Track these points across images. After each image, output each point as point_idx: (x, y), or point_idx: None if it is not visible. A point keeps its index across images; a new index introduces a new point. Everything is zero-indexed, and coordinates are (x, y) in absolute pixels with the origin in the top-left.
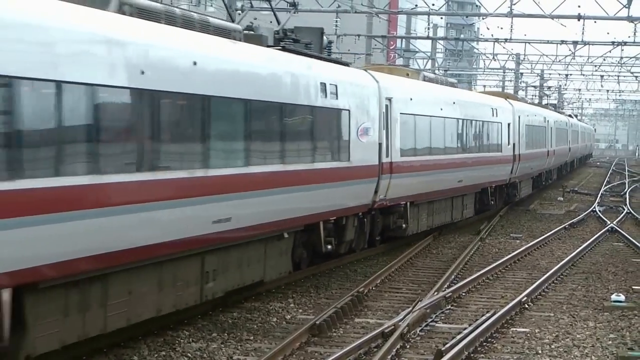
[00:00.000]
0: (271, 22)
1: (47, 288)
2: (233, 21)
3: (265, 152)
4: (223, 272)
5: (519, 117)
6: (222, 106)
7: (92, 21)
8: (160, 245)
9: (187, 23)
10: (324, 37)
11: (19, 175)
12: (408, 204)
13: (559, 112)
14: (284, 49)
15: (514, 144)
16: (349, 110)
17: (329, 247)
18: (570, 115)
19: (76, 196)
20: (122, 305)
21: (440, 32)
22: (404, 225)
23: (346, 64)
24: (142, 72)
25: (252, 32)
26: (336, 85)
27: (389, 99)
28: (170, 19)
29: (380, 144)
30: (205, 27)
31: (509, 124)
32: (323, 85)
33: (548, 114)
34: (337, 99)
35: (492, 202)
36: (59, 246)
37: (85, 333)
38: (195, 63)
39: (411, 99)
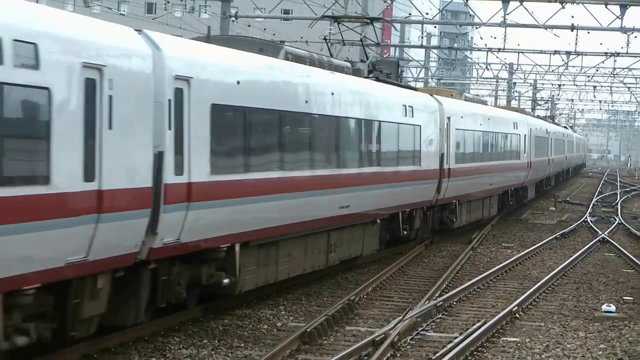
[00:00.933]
0: (265, 29)
1: (250, 247)
2: (331, 55)
3: (370, 158)
4: (339, 246)
5: (531, 129)
6: (346, 124)
7: (275, 67)
8: (312, 222)
9: (321, 64)
10: (399, 69)
11: (255, 170)
12: (457, 202)
13: (556, 124)
14: (377, 80)
15: (528, 153)
16: (420, 126)
17: (405, 232)
18: (565, 127)
19: (274, 185)
20: (285, 263)
21: (434, 41)
22: (454, 220)
23: (415, 89)
24: (306, 102)
25: (354, 67)
26: (412, 107)
27: (449, 117)
28: (312, 62)
29: (442, 154)
30: (330, 66)
31: (525, 136)
32: (404, 106)
33: (548, 126)
34: (413, 117)
35: (511, 202)
36: (264, 218)
37: (265, 280)
38: (332, 94)
39: (462, 117)
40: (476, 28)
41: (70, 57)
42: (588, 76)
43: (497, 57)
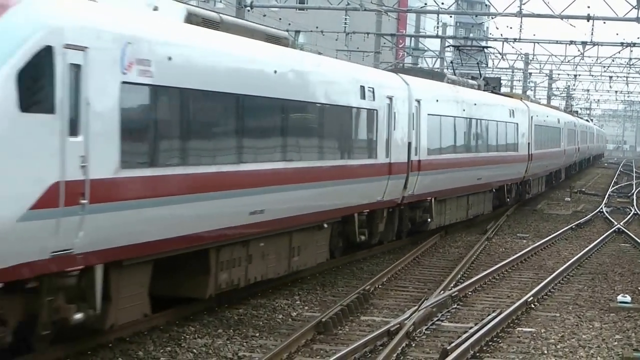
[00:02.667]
0: (280, 19)
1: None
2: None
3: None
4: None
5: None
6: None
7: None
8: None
9: (462, 83)
10: (501, 82)
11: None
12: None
13: (577, 116)
14: (492, 92)
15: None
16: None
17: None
18: (580, 117)
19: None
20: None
21: (450, 31)
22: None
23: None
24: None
25: (474, 82)
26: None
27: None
28: (453, 82)
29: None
30: (468, 84)
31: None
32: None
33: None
34: (514, 117)
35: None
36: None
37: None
38: (475, 104)
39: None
40: (492, 18)
41: (384, 92)
42: (604, 66)
43: (512, 47)
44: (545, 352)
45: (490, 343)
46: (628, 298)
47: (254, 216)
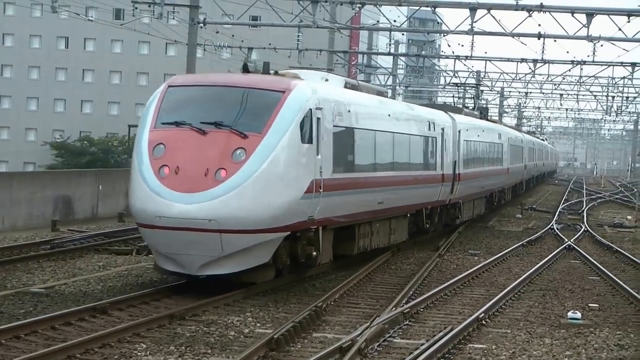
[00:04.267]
0: (233, 35)
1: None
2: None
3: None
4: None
5: (460, 132)
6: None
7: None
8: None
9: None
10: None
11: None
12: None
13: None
14: (487, 120)
15: (454, 162)
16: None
17: (427, 225)
18: (541, 139)
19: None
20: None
21: (402, 49)
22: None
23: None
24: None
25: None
26: (434, 121)
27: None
28: (467, 114)
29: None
30: (471, 112)
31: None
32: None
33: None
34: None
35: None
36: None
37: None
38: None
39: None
40: (444, 36)
41: (439, 124)
42: (555, 84)
43: (464, 65)
44: None
45: (441, 359)
46: (578, 314)
47: (379, 205)
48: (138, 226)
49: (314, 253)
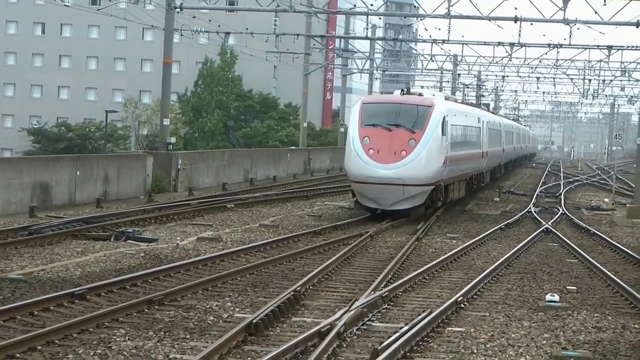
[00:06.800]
0: (210, 20)
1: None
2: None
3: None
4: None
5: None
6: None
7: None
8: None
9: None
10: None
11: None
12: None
13: (512, 119)
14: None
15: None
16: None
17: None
18: (524, 124)
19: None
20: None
21: (379, 33)
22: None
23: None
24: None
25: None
26: (479, 116)
27: (482, 120)
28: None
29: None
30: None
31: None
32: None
33: (484, 115)
34: (479, 122)
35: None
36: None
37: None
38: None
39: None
40: (421, 19)
41: (482, 118)
42: (531, 67)
43: (441, 49)
44: (475, 351)
45: (420, 343)
46: (556, 297)
47: (462, 172)
48: (353, 183)
49: (441, 198)
